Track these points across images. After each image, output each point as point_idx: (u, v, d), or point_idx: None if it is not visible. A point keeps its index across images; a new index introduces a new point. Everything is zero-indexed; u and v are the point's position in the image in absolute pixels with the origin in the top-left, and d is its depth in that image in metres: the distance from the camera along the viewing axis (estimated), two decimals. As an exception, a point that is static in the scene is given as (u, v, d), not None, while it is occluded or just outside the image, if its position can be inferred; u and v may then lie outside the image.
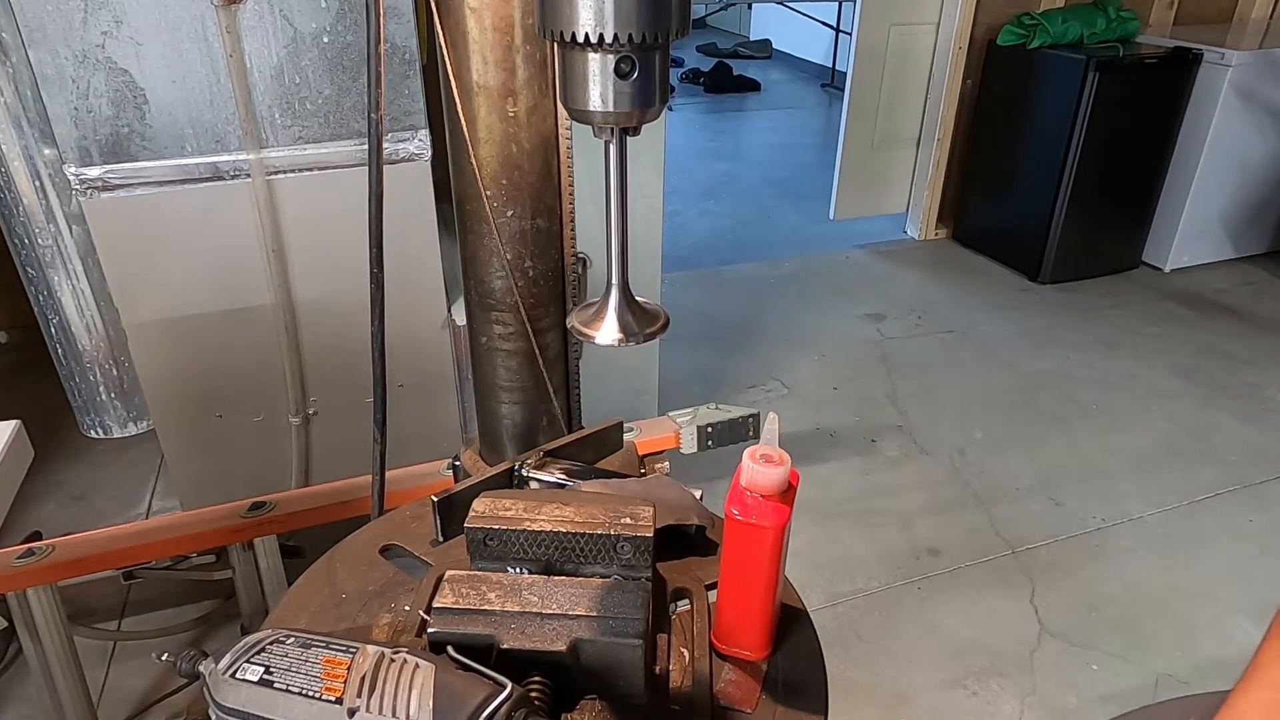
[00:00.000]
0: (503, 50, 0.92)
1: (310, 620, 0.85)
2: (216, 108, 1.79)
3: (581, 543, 0.80)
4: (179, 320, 1.96)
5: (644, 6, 0.60)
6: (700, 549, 0.94)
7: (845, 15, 7.26)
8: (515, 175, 0.98)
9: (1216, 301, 3.81)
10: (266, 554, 1.68)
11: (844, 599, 2.24)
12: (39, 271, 2.48)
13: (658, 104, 0.65)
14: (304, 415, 2.14)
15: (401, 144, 1.92)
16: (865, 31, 4.03)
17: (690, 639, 0.82)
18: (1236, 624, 2.17)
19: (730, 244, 4.47)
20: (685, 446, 1.97)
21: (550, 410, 1.12)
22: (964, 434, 2.89)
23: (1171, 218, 3.94)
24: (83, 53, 1.68)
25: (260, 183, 1.86)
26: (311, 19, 1.77)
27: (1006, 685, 2.00)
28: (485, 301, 1.06)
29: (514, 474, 1.02)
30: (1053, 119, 3.69)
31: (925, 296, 3.86)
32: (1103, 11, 3.71)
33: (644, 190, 2.27)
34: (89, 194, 1.79)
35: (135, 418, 2.77)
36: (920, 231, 4.43)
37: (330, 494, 1.64)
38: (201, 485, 2.14)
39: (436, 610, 0.75)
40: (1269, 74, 3.69)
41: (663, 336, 0.73)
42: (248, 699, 0.64)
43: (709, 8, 8.98)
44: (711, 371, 3.26)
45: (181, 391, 2.04)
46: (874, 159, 4.32)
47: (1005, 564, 2.36)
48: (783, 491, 0.73)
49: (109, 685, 1.95)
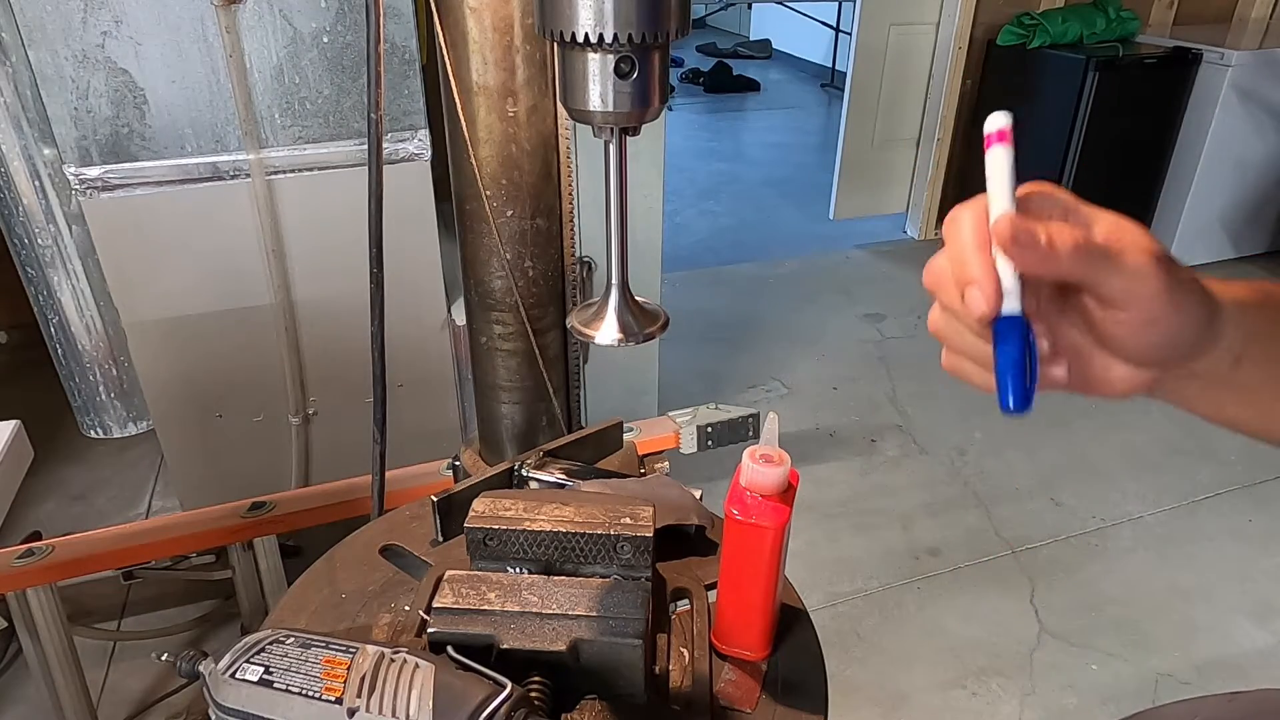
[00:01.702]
0: (502, 50, 0.92)
1: (310, 620, 0.85)
2: (216, 108, 1.79)
3: (581, 543, 0.80)
4: (179, 320, 1.96)
5: (644, 6, 0.60)
6: (700, 549, 0.94)
7: (845, 15, 7.26)
8: (515, 175, 0.98)
9: (1216, 301, 3.81)
10: (266, 554, 1.68)
11: (844, 599, 2.24)
12: (39, 271, 2.48)
13: (657, 104, 0.65)
14: (304, 415, 2.14)
15: (401, 144, 1.92)
16: (865, 31, 4.03)
17: (690, 639, 0.82)
18: (1236, 624, 2.17)
19: (730, 244, 4.47)
20: (685, 446, 1.97)
21: (550, 410, 1.12)
22: (964, 434, 2.89)
23: (1171, 218, 3.94)
24: (82, 53, 1.68)
25: (260, 183, 1.86)
26: (311, 19, 1.77)
27: (1006, 685, 2.00)
28: (485, 301, 1.06)
29: (514, 474, 1.02)
30: (1053, 119, 3.69)
31: (925, 296, 3.80)
32: (1103, 11, 3.71)
33: (644, 190, 2.27)
34: (89, 194, 1.79)
35: (135, 418, 2.77)
36: (920, 231, 4.43)
37: (330, 494, 1.64)
38: (201, 485, 2.14)
39: (436, 610, 0.75)
40: (1269, 74, 3.68)
41: (663, 336, 0.73)
42: (248, 699, 0.64)
43: (709, 8, 8.98)
44: (711, 371, 3.26)
45: (181, 391, 2.04)
46: (874, 159, 4.32)
47: (1005, 564, 2.36)
48: (783, 491, 0.73)
49: (109, 685, 1.95)
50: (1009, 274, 0.46)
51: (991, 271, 0.46)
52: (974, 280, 0.46)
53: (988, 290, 0.45)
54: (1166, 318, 0.46)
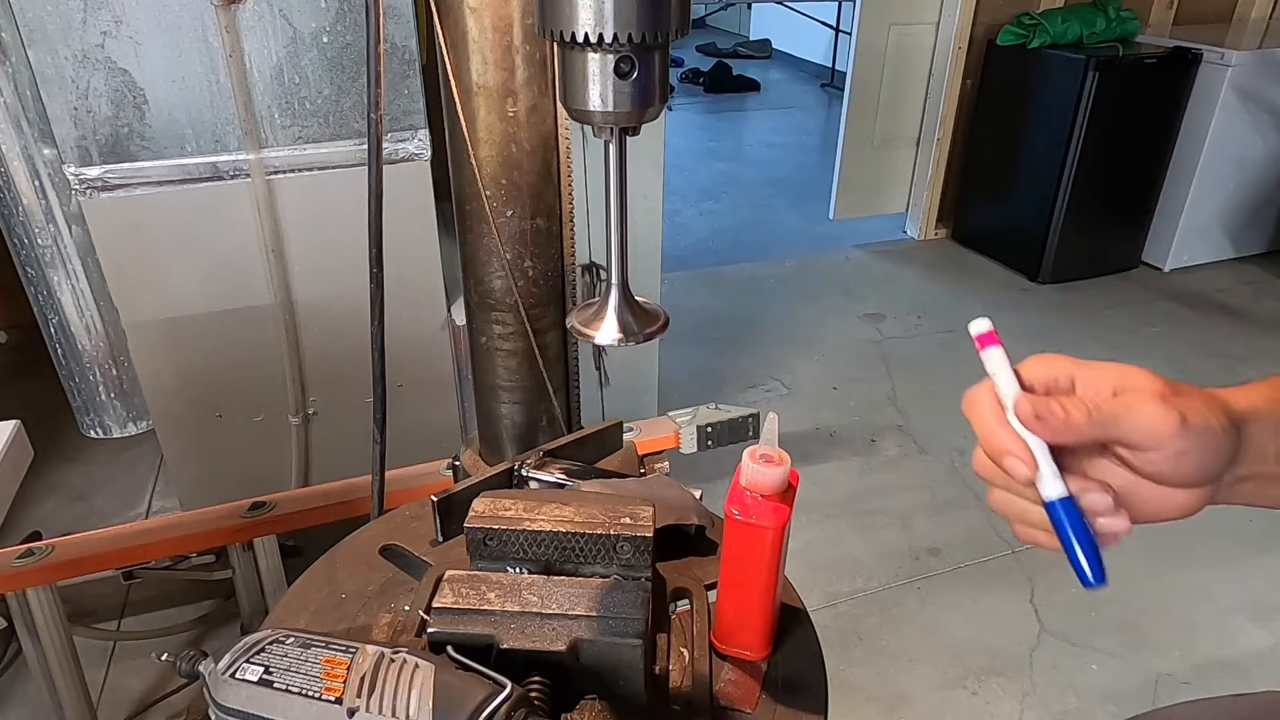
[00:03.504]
0: (502, 50, 0.92)
1: (310, 620, 0.85)
2: (216, 108, 1.79)
3: (581, 543, 0.80)
4: (179, 320, 1.96)
5: (644, 6, 0.60)
6: (700, 549, 0.94)
7: (845, 15, 7.26)
8: (515, 175, 0.98)
9: (1216, 301, 3.81)
10: (266, 554, 1.68)
11: (844, 599, 2.24)
12: (39, 271, 2.48)
13: (657, 104, 0.65)
14: (304, 415, 2.14)
15: (401, 144, 1.92)
16: (865, 31, 4.03)
17: (690, 639, 0.82)
18: (1236, 624, 2.17)
19: (730, 244, 4.47)
20: (685, 446, 1.97)
21: (550, 410, 1.12)
22: (964, 434, 2.89)
23: (1171, 218, 3.94)
24: (82, 53, 1.68)
25: (260, 183, 1.86)
26: (311, 19, 1.77)
27: (1006, 685, 2.01)
28: (485, 301, 1.06)
29: (514, 474, 1.02)
30: (1052, 119, 3.69)
31: (925, 296, 3.86)
32: (1102, 11, 3.71)
33: (644, 190, 2.27)
34: (88, 194, 1.79)
35: (135, 418, 2.77)
36: (920, 231, 4.43)
37: (330, 494, 1.64)
38: (201, 485, 2.13)
39: (436, 610, 0.75)
40: (1269, 74, 3.69)
41: (663, 336, 0.73)
42: (248, 699, 0.64)
43: (709, 8, 8.98)
44: (711, 371, 3.26)
45: (181, 391, 2.04)
46: (874, 159, 4.32)
47: (1005, 564, 2.36)
48: (782, 491, 0.73)
49: (109, 685, 1.95)
50: (1044, 458, 0.50)
51: (1018, 439, 0.50)
52: (1008, 450, 0.51)
53: (1022, 455, 0.50)
54: (1191, 446, 0.49)
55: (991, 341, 0.53)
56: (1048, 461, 0.50)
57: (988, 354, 0.53)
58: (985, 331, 0.54)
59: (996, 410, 0.52)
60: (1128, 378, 0.51)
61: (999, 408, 0.52)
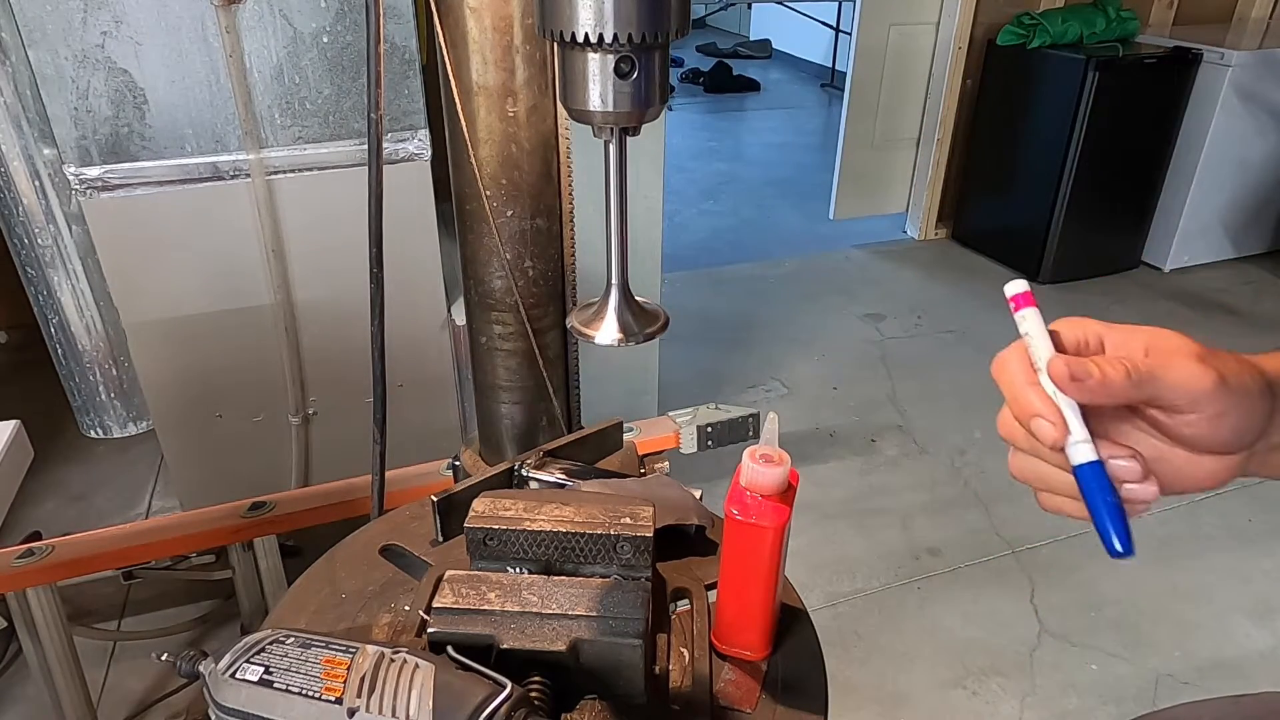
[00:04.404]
0: (502, 50, 0.92)
1: (310, 620, 0.85)
2: (216, 108, 1.79)
3: (581, 543, 0.80)
4: (179, 320, 1.96)
5: (644, 6, 0.60)
6: (700, 549, 0.94)
7: (845, 15, 7.26)
8: (515, 175, 0.98)
9: (1216, 301, 3.81)
10: (266, 554, 1.68)
11: (844, 599, 2.24)
12: (39, 271, 2.48)
13: (658, 104, 0.65)
14: (304, 415, 2.14)
15: (401, 144, 1.92)
16: (865, 31, 4.03)
17: (690, 639, 0.82)
18: (1236, 624, 2.17)
19: (730, 244, 4.47)
20: (685, 446, 1.97)
21: (550, 410, 1.12)
22: (964, 434, 2.89)
23: (1171, 217, 3.94)
24: (82, 53, 1.68)
25: (260, 183, 1.86)
26: (311, 19, 1.77)
27: (1006, 685, 2.01)
28: (485, 301, 1.06)
29: (514, 474, 1.02)
30: (1052, 119, 3.69)
31: (925, 296, 3.86)
32: (1102, 11, 3.71)
33: (644, 190, 2.27)
34: (88, 194, 1.79)
35: (135, 418, 2.77)
36: (920, 231, 4.43)
37: (330, 494, 1.64)
38: (201, 485, 2.14)
39: (436, 610, 0.75)
40: (1269, 74, 3.69)
41: (663, 336, 0.73)
42: (248, 699, 0.64)
43: (709, 8, 8.98)
44: (711, 371, 3.26)
45: (181, 391, 2.04)
46: (874, 159, 4.32)
47: (1005, 564, 2.36)
48: (783, 491, 0.73)
49: (109, 685, 1.95)
50: (1075, 421, 0.48)
51: (1049, 401, 0.49)
52: (1037, 412, 0.49)
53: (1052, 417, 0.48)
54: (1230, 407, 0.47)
55: (1028, 302, 0.52)
56: (1080, 424, 0.48)
57: (1023, 314, 0.52)
58: (1022, 292, 0.53)
59: (1027, 370, 0.50)
60: (1160, 338, 0.49)
61: (1030, 369, 0.50)
